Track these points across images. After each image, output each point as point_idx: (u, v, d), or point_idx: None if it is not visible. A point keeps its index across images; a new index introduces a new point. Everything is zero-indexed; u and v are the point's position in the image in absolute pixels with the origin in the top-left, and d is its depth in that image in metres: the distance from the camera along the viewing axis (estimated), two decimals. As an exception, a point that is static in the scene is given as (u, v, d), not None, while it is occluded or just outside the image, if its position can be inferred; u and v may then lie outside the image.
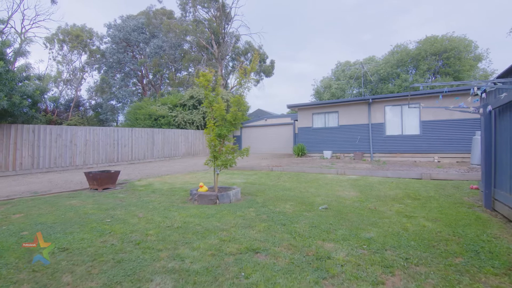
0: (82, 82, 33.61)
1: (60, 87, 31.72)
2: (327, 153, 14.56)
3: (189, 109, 20.96)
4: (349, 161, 13.08)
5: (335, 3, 65.53)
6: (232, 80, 31.56)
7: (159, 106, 19.91)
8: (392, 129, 13.42)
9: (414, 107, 12.37)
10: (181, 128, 19.50)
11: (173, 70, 33.82)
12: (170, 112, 19.30)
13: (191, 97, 20.64)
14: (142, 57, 33.31)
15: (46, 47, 29.49)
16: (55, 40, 29.71)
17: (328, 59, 73.63)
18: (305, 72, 76.45)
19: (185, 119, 19.47)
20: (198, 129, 20.31)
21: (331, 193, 6.45)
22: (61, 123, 27.57)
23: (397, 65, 22.46)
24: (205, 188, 5.88)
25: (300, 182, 8.09)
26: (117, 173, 7.71)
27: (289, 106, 15.70)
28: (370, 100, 13.45)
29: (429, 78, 22.06)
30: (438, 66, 21.47)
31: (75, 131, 13.18)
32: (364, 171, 9.33)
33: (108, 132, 14.46)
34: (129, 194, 6.65)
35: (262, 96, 71.77)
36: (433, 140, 12.44)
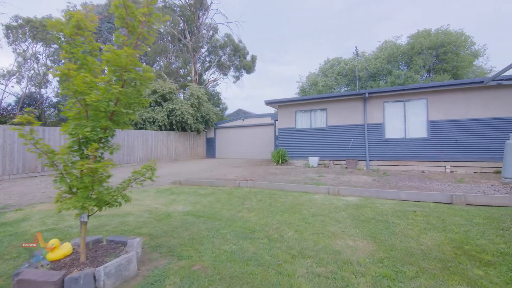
0: (37, 77, 29.42)
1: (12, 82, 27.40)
2: (313, 160, 11.80)
3: (150, 106, 17.67)
4: (341, 171, 10.35)
5: (318, 10, 63.97)
6: (209, 76, 28.45)
7: (114, 102, 16.54)
8: (392, 131, 10.84)
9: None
10: (139, 128, 16.20)
11: (144, 64, 30.26)
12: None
13: (154, 92, 17.39)
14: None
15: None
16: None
17: (314, 62, 71.95)
18: (290, 75, 74.39)
19: (144, 118, 16.18)
20: (160, 129, 17.06)
21: (324, 242, 3.59)
22: (5, 122, 23.52)
23: (388, 60, 20.26)
24: (66, 248, 2.82)
25: (273, 212, 5.18)
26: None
27: (267, 102, 12.87)
28: (367, 95, 10.82)
29: (423, 76, 20.04)
30: (433, 62, 19.42)
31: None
32: (365, 189, 6.55)
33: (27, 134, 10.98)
34: None
35: (246, 97, 68.88)
36: (444, 145, 9.94)
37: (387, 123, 10.92)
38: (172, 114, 17.06)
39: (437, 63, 19.73)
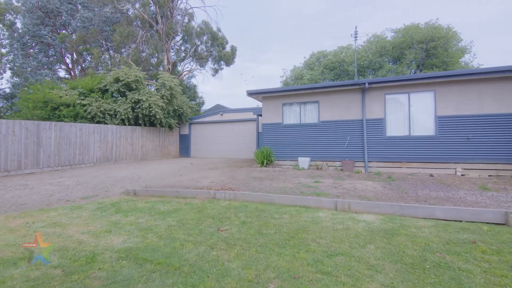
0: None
1: None
2: (304, 161, 10.09)
3: (112, 96, 15.09)
4: (338, 174, 8.72)
5: (296, 10, 62.91)
6: (184, 66, 25.90)
7: (66, 90, 13.79)
8: (395, 128, 9.39)
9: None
10: (98, 122, 13.64)
11: (111, 51, 27.01)
12: (81, 99, 13.33)
13: (117, 80, 14.82)
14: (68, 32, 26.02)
15: None
16: None
17: (294, 61, 70.94)
18: (271, 74, 72.80)
19: (103, 110, 13.61)
20: (123, 123, 14.56)
21: None
22: None
23: (380, 54, 19.12)
24: None
25: (266, 247, 3.32)
26: None
27: (249, 93, 10.97)
28: (366, 85, 9.25)
29: (412, 71, 19.13)
30: (423, 58, 18.55)
31: None
32: (385, 204, 4.88)
33: None
34: None
35: (225, 95, 66.24)
36: (455, 144, 8.63)
37: (388, 118, 9.45)
38: (138, 106, 14.62)
39: (426, 58, 18.90)
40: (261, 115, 14.19)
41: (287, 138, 10.80)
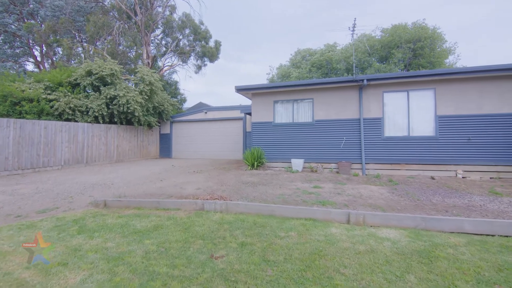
0: None
1: None
2: (297, 163, 9.36)
3: (84, 91, 13.63)
4: (335, 177, 8.06)
5: (280, 11, 62.56)
6: (165, 61, 24.45)
7: (29, 84, 12.20)
8: (393, 128, 8.89)
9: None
10: (67, 119, 12.18)
11: (85, 44, 24.99)
12: (47, 94, 11.82)
13: (89, 73, 13.39)
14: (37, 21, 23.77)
15: None
16: None
17: (279, 60, 70.50)
18: (255, 73, 72.01)
19: (73, 106, 12.17)
20: (97, 121, 13.16)
21: None
22: None
23: (368, 53, 18.88)
24: None
25: (276, 283, 2.47)
26: None
27: (238, 89, 10.09)
28: (365, 82, 8.67)
29: (400, 70, 19.09)
30: (410, 57, 18.50)
31: None
32: (402, 215, 4.20)
33: None
34: None
35: (208, 93, 64.50)
36: (455, 145, 8.24)
37: (387, 118, 8.93)
38: (114, 102, 13.27)
39: (413, 58, 18.88)
40: (249, 114, 13.35)
41: (279, 138, 10.03)
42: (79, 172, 10.16)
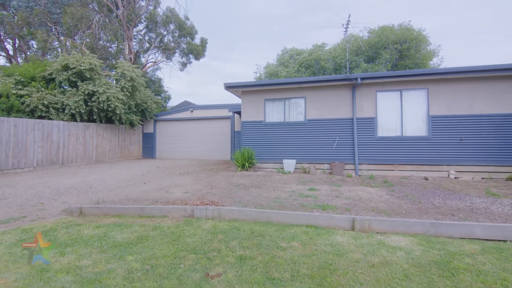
0: None
1: None
2: (289, 164, 9.04)
3: (60, 87, 12.68)
4: (329, 179, 7.79)
5: (264, 12, 62.42)
6: (148, 57, 23.47)
7: (-2, 77, 11.17)
8: (386, 128, 8.74)
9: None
10: (40, 117, 11.24)
11: (62, 38, 23.51)
12: (17, 89, 10.84)
13: (66, 68, 12.46)
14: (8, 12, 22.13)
15: None
16: None
17: (264, 60, 70.01)
18: (240, 73, 71.31)
19: (47, 102, 11.24)
20: (74, 119, 12.26)
21: None
22: None
23: (356, 53, 18.91)
24: None
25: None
26: None
27: (227, 86, 9.62)
28: (359, 80, 8.46)
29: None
30: (396, 58, 18.72)
31: None
32: (409, 220, 3.93)
33: None
34: None
35: (194, 94, 63.05)
36: (448, 146, 8.19)
37: (380, 117, 8.78)
38: (93, 99, 12.41)
39: (400, 59, 19.12)
40: (237, 113, 12.91)
41: (270, 138, 9.66)
42: (53, 174, 9.33)
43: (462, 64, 44.89)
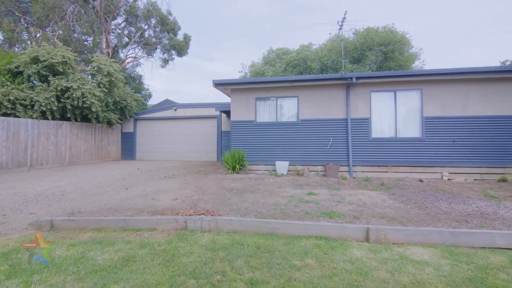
0: None
1: None
2: (282, 166, 8.64)
3: (28, 81, 11.51)
4: (324, 181, 7.47)
5: (247, 11, 62.03)
6: (128, 52, 22.24)
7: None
8: (380, 129, 8.58)
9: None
10: (5, 114, 10.08)
11: (31, 27, 21.68)
12: (-22, 82, 9.64)
13: (35, 60, 11.31)
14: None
15: None
16: None
17: (252, 58, 69.64)
18: (223, 72, 70.40)
19: (13, 98, 10.11)
20: (45, 117, 11.15)
21: None
22: None
23: (342, 54, 18.89)
24: None
25: None
26: None
27: (216, 83, 9.06)
28: (354, 80, 8.22)
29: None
30: (381, 60, 18.96)
31: None
32: (427, 229, 3.64)
33: None
34: None
35: (176, 92, 61.39)
36: (441, 147, 8.15)
37: (374, 118, 8.60)
38: (66, 95, 11.35)
39: (384, 61, 19.37)
40: (225, 112, 12.37)
41: (261, 138, 9.21)
42: (19, 178, 8.33)
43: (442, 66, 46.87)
